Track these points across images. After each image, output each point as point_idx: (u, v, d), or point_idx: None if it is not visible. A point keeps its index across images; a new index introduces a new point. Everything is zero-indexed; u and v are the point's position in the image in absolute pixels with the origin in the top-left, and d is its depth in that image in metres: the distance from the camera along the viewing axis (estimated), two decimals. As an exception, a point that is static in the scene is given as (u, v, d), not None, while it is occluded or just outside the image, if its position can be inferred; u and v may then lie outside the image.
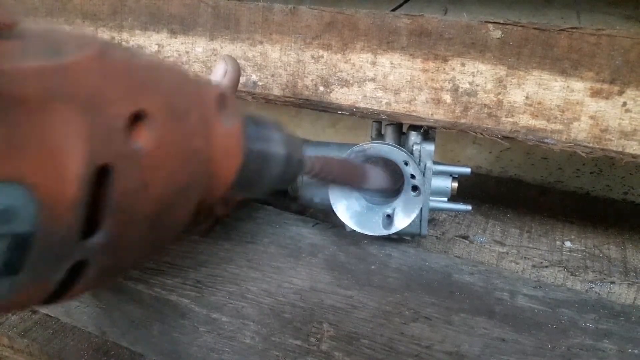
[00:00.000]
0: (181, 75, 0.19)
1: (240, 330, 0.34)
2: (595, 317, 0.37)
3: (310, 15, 0.41)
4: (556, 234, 0.46)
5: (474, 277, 0.41)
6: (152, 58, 0.19)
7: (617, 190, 0.57)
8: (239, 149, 0.20)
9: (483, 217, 0.49)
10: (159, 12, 0.46)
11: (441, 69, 0.38)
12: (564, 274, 0.40)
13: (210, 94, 0.20)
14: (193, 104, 0.19)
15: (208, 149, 0.19)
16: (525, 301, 0.38)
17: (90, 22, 0.50)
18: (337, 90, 0.41)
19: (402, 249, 0.43)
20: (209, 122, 0.19)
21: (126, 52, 0.17)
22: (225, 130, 0.20)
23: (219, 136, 0.19)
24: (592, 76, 0.34)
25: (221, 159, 0.20)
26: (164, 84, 0.18)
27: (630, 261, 0.42)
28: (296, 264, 0.41)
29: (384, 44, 0.39)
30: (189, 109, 0.18)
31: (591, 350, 0.34)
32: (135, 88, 0.17)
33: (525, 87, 0.36)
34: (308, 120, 0.69)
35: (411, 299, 0.37)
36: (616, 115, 0.34)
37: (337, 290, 0.38)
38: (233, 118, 0.20)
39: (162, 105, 0.17)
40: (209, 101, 0.20)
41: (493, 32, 0.36)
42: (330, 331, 0.34)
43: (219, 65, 0.37)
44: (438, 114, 0.39)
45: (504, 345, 0.34)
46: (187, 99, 0.19)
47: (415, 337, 0.34)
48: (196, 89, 0.20)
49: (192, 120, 0.18)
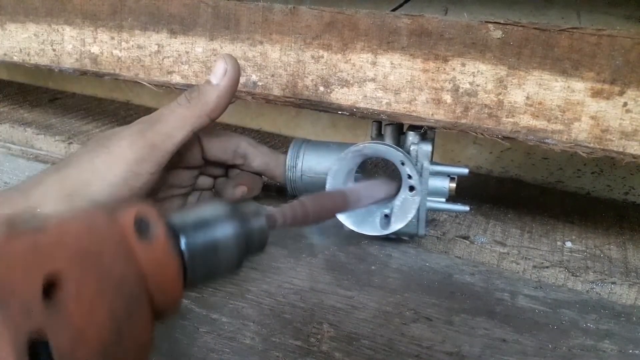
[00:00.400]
0: (91, 218, 0.19)
1: (240, 331, 0.34)
2: (596, 318, 0.37)
3: (310, 15, 0.40)
4: (557, 234, 0.46)
5: (475, 277, 0.41)
6: (58, 218, 0.19)
7: (617, 191, 0.56)
8: (171, 257, 0.20)
9: (484, 217, 0.49)
10: (158, 12, 0.46)
11: (441, 69, 0.38)
12: (564, 275, 0.40)
13: (125, 221, 0.20)
14: (106, 241, 0.19)
15: (136, 271, 0.19)
16: (526, 302, 0.38)
17: (90, 22, 0.50)
18: (337, 91, 0.41)
19: (402, 249, 0.43)
20: (127, 248, 0.19)
21: (29, 225, 0.18)
22: (147, 247, 0.20)
23: (143, 255, 0.19)
24: (592, 76, 0.34)
25: (156, 272, 0.20)
26: (71, 239, 0.18)
27: (631, 261, 0.42)
28: (296, 264, 0.41)
29: (384, 44, 0.39)
30: (102, 249, 0.19)
31: (592, 350, 0.33)
32: (42, 258, 0.17)
33: (526, 87, 0.36)
34: (308, 120, 0.69)
35: (411, 300, 0.37)
36: (617, 115, 0.34)
37: (337, 290, 0.38)
38: (156, 229, 0.20)
39: (72, 260, 0.17)
40: (125, 229, 0.20)
41: (493, 32, 0.36)
42: (330, 332, 0.34)
43: (219, 64, 0.37)
44: (438, 114, 0.39)
45: (504, 345, 0.34)
46: (99, 239, 0.19)
47: (415, 337, 0.34)
48: (108, 224, 0.20)
49: (108, 257, 0.18)
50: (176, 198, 0.43)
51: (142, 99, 0.80)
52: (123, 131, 0.36)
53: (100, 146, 0.35)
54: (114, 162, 0.34)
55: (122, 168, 0.34)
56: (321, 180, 0.43)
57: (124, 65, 0.50)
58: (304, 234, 0.45)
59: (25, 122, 0.66)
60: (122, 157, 0.34)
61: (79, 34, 0.51)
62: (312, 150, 0.45)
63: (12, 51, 0.55)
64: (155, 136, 0.35)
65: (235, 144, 0.43)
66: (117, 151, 0.34)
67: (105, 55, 0.50)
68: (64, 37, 0.52)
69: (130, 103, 0.81)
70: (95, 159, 0.34)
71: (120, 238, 0.19)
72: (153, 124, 0.36)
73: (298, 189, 0.45)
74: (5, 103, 0.75)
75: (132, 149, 0.34)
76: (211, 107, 0.37)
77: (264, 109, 0.71)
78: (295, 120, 0.70)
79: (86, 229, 0.19)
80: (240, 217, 0.23)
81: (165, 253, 0.20)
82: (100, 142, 0.35)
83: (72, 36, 0.51)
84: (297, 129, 0.70)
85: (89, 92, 0.84)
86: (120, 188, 0.34)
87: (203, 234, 0.22)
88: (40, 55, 0.54)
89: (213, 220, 0.22)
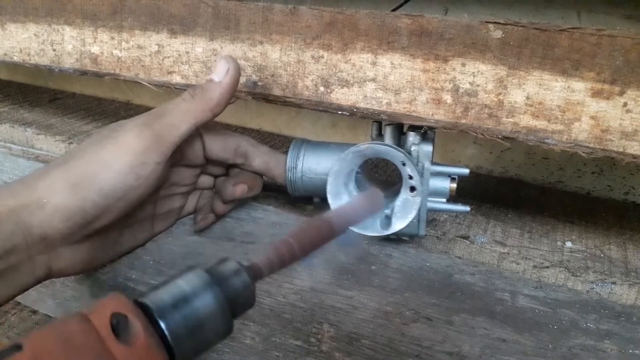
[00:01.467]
0: (66, 329, 0.19)
1: (240, 331, 0.34)
2: (596, 318, 0.37)
3: (310, 15, 0.40)
4: (557, 234, 0.46)
5: (475, 277, 0.41)
6: (34, 333, 0.19)
7: (618, 191, 0.56)
8: (154, 353, 0.20)
9: (484, 217, 0.49)
10: (158, 12, 0.46)
11: (442, 69, 0.38)
12: (564, 275, 0.40)
13: (100, 324, 0.19)
14: (84, 352, 0.19)
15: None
16: (526, 301, 0.38)
17: (90, 22, 0.50)
18: (337, 91, 0.41)
19: (402, 249, 0.43)
20: (107, 355, 0.19)
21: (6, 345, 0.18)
22: (128, 350, 0.19)
23: (122, 353, 0.19)
24: (592, 76, 0.34)
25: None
26: (47, 358, 0.18)
27: (631, 262, 0.42)
28: (296, 264, 0.41)
29: (385, 44, 0.39)
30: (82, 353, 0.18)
31: (592, 350, 0.33)
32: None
33: (526, 87, 0.36)
34: (308, 120, 0.69)
35: (412, 300, 0.37)
36: (617, 115, 0.34)
37: (338, 290, 0.38)
38: (134, 327, 0.20)
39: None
40: (102, 332, 0.19)
41: (494, 32, 0.36)
42: (330, 331, 0.34)
43: (222, 63, 0.38)
44: (438, 114, 0.39)
45: (504, 345, 0.34)
46: (76, 353, 0.18)
47: (415, 337, 0.34)
48: (84, 332, 0.19)
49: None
50: (177, 196, 0.43)
51: (143, 99, 0.80)
52: (128, 123, 0.36)
53: (106, 137, 0.35)
54: (120, 151, 0.34)
55: (129, 157, 0.34)
56: (321, 181, 0.43)
57: (124, 65, 0.50)
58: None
59: (25, 122, 0.66)
60: (129, 146, 0.35)
61: (79, 34, 0.51)
62: (312, 151, 0.45)
63: (12, 51, 0.55)
64: (161, 127, 0.36)
65: (236, 142, 0.43)
66: (124, 141, 0.35)
67: (106, 55, 0.50)
68: (64, 37, 0.52)
69: (130, 103, 0.81)
70: (101, 150, 0.34)
71: (98, 346, 0.19)
72: (159, 117, 0.37)
73: (298, 189, 0.45)
74: (6, 103, 0.75)
75: (139, 138, 0.35)
76: (215, 102, 0.38)
77: (264, 109, 0.71)
78: (295, 120, 0.70)
79: (62, 343, 0.18)
80: (219, 281, 0.22)
81: (148, 351, 0.19)
82: (105, 134, 0.36)
83: (72, 36, 0.51)
84: (297, 129, 0.70)
85: (89, 92, 0.84)
86: (127, 177, 0.34)
87: (183, 312, 0.21)
88: (40, 55, 0.54)
89: (191, 293, 0.21)
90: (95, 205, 0.33)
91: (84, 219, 0.33)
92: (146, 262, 0.42)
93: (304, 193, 0.46)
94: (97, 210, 0.33)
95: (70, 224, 0.32)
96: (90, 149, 0.35)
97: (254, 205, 0.48)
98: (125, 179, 0.34)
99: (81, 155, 0.35)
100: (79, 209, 0.32)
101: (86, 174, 0.33)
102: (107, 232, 0.36)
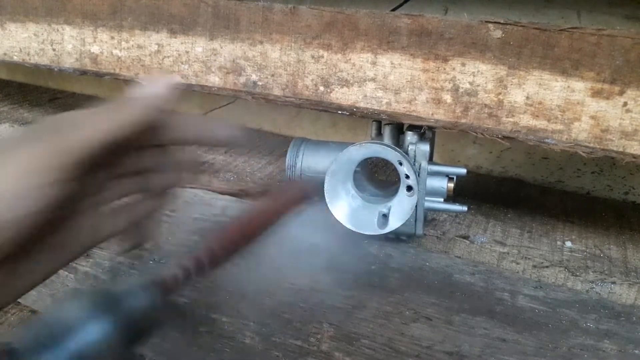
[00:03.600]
0: None
1: (240, 331, 0.34)
2: (596, 317, 0.37)
3: (310, 15, 0.40)
4: (557, 234, 0.46)
5: (475, 277, 0.41)
6: None
7: (617, 190, 0.56)
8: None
9: (484, 217, 0.49)
10: (158, 12, 0.46)
11: (441, 68, 0.38)
12: (564, 274, 0.40)
13: None
14: None
15: None
16: (525, 301, 0.38)
17: (90, 21, 0.50)
18: (337, 90, 0.41)
19: (402, 249, 0.43)
20: None
21: None
22: None
23: None
24: (592, 76, 0.34)
25: None
26: None
27: (630, 261, 0.42)
28: (296, 264, 0.41)
29: (384, 43, 0.39)
30: None
31: (592, 350, 0.33)
32: None
33: (526, 87, 0.36)
34: (308, 120, 0.69)
35: (411, 299, 0.37)
36: (617, 115, 0.34)
37: (337, 290, 0.38)
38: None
39: None
40: None
41: (493, 32, 0.36)
42: (330, 331, 0.34)
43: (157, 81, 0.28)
44: (438, 113, 0.39)
45: (504, 345, 0.34)
46: None
47: (415, 337, 0.34)
48: None
49: None
50: (103, 207, 0.33)
51: (142, 98, 0.80)
52: (21, 139, 0.27)
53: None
54: (9, 175, 0.25)
55: (21, 181, 0.25)
56: (320, 179, 0.43)
57: (124, 64, 0.50)
58: (305, 234, 0.45)
59: (25, 121, 0.66)
60: (20, 168, 0.25)
61: (79, 33, 0.51)
62: (311, 149, 0.45)
63: (12, 51, 0.55)
64: (64, 141, 0.26)
65: None
66: (13, 163, 0.26)
67: (105, 55, 0.50)
68: (64, 37, 0.52)
69: (130, 103, 0.81)
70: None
71: None
72: (65, 128, 0.27)
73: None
74: (5, 102, 0.75)
75: (30, 157, 0.26)
76: (136, 116, 0.28)
77: (264, 109, 0.71)
78: (295, 120, 0.70)
79: None
80: (109, 306, 0.19)
81: None
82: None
83: (72, 36, 0.51)
84: (297, 129, 0.70)
85: (89, 91, 0.84)
86: (23, 203, 0.25)
87: (57, 351, 0.18)
88: (40, 54, 0.54)
89: (67, 326, 0.18)
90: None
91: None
92: (146, 262, 0.42)
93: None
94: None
95: None
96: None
97: (253, 205, 0.48)
98: (22, 207, 0.24)
99: None
100: None
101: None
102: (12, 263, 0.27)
